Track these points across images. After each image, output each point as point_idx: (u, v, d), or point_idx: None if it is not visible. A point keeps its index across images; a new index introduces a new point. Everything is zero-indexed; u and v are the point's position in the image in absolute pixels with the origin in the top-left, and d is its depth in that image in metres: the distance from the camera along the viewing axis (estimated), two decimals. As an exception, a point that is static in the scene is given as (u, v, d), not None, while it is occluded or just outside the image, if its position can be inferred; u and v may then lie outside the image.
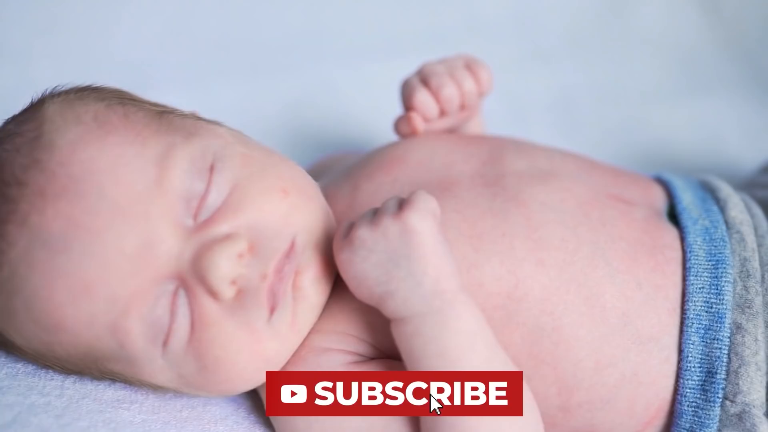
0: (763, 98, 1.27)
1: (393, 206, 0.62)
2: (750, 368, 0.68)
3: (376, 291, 0.62)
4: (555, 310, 0.67)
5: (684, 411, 0.69)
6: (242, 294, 0.62)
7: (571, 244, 0.69)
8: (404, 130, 0.80)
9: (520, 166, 0.75)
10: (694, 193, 0.78)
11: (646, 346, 0.69)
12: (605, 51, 1.33)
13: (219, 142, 0.66)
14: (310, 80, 1.18)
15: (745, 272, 0.71)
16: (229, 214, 0.63)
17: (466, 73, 0.80)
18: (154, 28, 1.16)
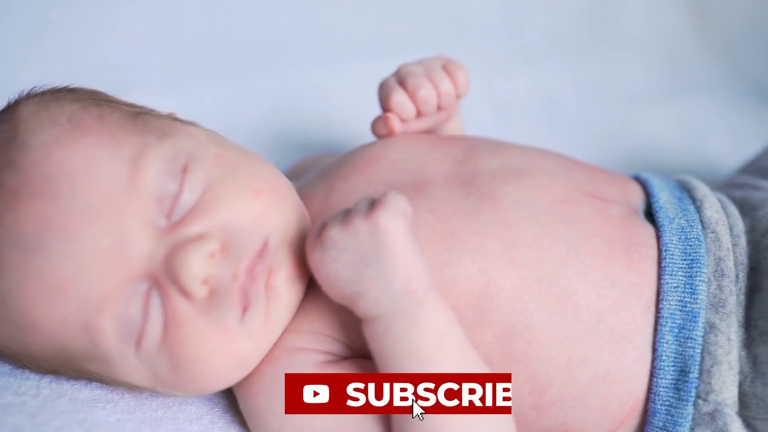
0: (746, 100, 1.28)
1: (364, 206, 0.63)
2: (722, 367, 0.68)
3: (348, 291, 0.62)
4: (527, 308, 0.68)
5: (657, 410, 0.69)
6: (214, 294, 0.62)
7: (544, 241, 0.69)
8: (381, 130, 0.81)
9: (494, 164, 0.75)
10: (671, 192, 0.78)
11: (620, 344, 0.69)
12: (591, 53, 1.33)
13: (193, 143, 0.67)
14: (293, 81, 1.18)
15: (720, 272, 0.71)
16: (202, 214, 0.63)
17: (443, 75, 0.81)
18: (138, 30, 1.16)
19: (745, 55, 1.36)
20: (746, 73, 1.34)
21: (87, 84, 0.79)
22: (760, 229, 0.75)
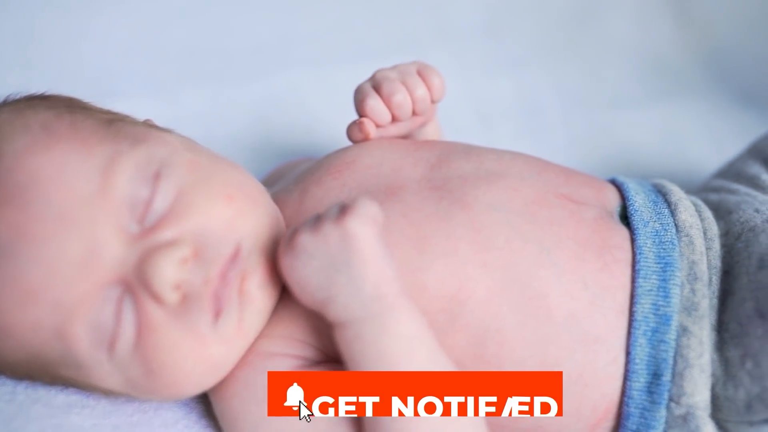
0: (728, 105, 1.28)
1: (334, 212, 0.63)
2: (694, 370, 0.68)
3: (318, 296, 0.63)
4: (499, 311, 0.68)
5: (631, 413, 0.70)
6: (187, 299, 0.63)
7: (516, 244, 0.69)
8: (356, 136, 0.81)
9: (467, 168, 0.75)
10: (646, 195, 0.79)
11: (593, 347, 0.69)
12: (575, 57, 1.34)
13: (166, 149, 0.67)
14: (277, 87, 1.18)
15: (693, 275, 0.72)
16: (174, 220, 0.63)
17: (418, 80, 0.81)
18: (122, 37, 1.16)
19: (728, 60, 1.37)
20: (729, 78, 1.34)
21: (71, 90, 0.80)
22: (734, 232, 0.76)
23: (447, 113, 1.18)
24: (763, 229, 0.74)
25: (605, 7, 1.40)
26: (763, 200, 0.81)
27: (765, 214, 0.77)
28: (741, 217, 0.77)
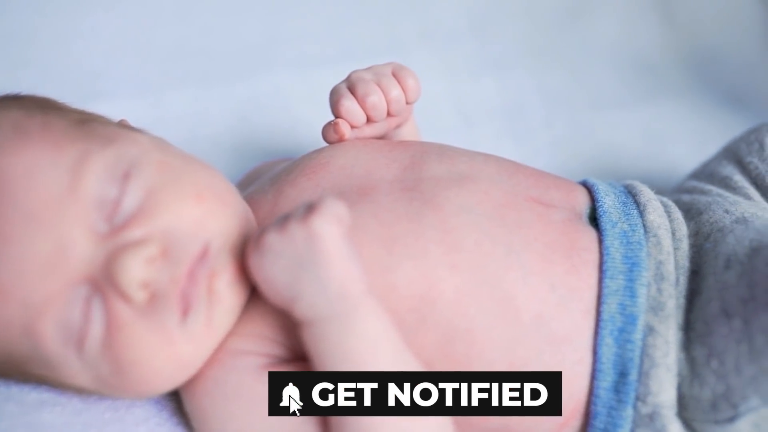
0: (711, 107, 1.29)
1: (301, 212, 0.64)
2: (660, 370, 0.69)
3: (285, 294, 0.64)
4: (468, 312, 0.69)
5: (598, 412, 0.70)
6: (155, 298, 0.64)
7: (485, 246, 0.70)
8: (331, 137, 0.82)
9: (439, 170, 0.76)
10: (616, 197, 0.79)
11: (560, 347, 0.70)
12: (559, 59, 1.34)
13: (136, 150, 0.68)
14: (261, 89, 1.19)
15: (660, 275, 0.72)
16: (143, 219, 0.64)
17: (392, 81, 0.82)
18: (108, 38, 1.17)
19: (712, 63, 1.37)
20: (712, 80, 1.35)
21: (56, 91, 0.81)
22: (704, 233, 0.76)
23: (430, 114, 1.19)
24: (732, 229, 0.75)
25: (590, 9, 1.40)
26: (734, 201, 0.81)
27: (734, 215, 0.77)
28: (711, 218, 0.77)
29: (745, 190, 0.85)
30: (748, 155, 0.87)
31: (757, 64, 1.43)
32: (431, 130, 1.05)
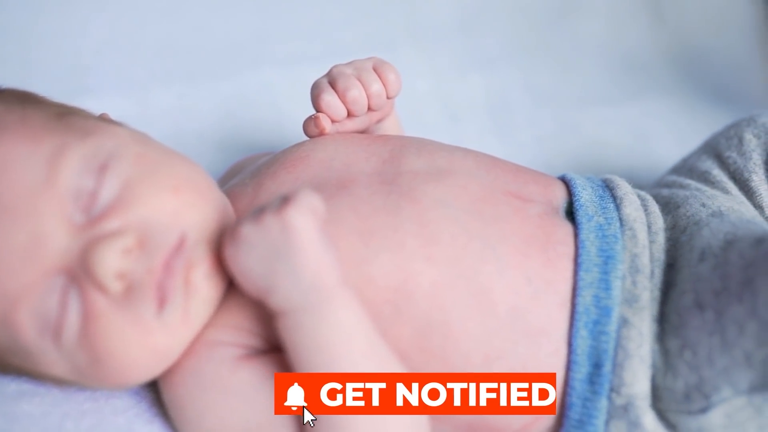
0: (698, 104, 1.29)
1: (276, 204, 0.64)
2: (634, 361, 0.69)
3: (260, 285, 0.64)
4: (444, 304, 0.69)
5: (573, 403, 0.71)
6: (131, 288, 0.64)
7: (461, 239, 0.71)
8: (312, 131, 0.82)
9: (418, 164, 0.77)
10: (594, 191, 0.80)
11: (536, 339, 0.70)
12: (547, 56, 1.35)
13: (114, 142, 0.68)
14: (248, 85, 1.19)
15: (635, 268, 0.73)
16: (119, 210, 0.65)
17: (373, 76, 0.82)
18: (96, 34, 1.17)
19: (699, 60, 1.38)
20: (699, 78, 1.35)
21: (43, 86, 0.81)
22: (680, 226, 0.77)
23: (416, 110, 1.20)
24: (707, 222, 0.75)
25: (579, 7, 1.40)
26: (712, 195, 0.82)
27: (711, 208, 0.78)
28: (688, 212, 0.78)
29: (723, 184, 0.86)
30: (727, 150, 0.88)
31: (744, 63, 1.44)
32: (417, 126, 1.05)
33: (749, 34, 1.51)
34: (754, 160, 0.85)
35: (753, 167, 0.85)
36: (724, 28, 1.48)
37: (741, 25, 1.53)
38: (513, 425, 0.73)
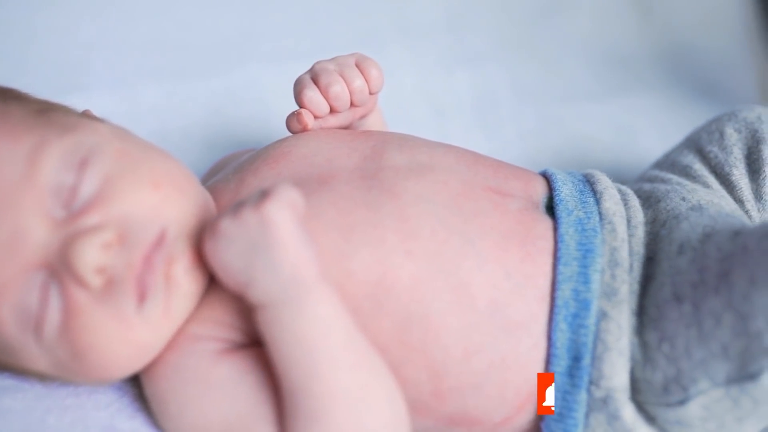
0: (683, 100, 1.30)
1: (254, 198, 0.65)
2: (612, 354, 0.70)
3: (240, 279, 0.65)
4: (424, 298, 0.70)
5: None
6: (111, 283, 0.65)
7: (441, 234, 0.71)
8: (295, 126, 0.83)
9: (399, 160, 0.77)
10: (574, 186, 0.80)
11: (515, 333, 0.71)
12: (533, 53, 1.35)
13: (95, 138, 0.69)
14: (236, 82, 1.19)
15: (614, 261, 0.73)
16: (99, 206, 0.65)
17: (356, 71, 0.82)
18: (84, 32, 1.18)
19: (685, 57, 1.38)
20: (685, 74, 1.36)
21: (31, 84, 0.81)
22: (660, 220, 0.77)
23: (402, 107, 1.20)
24: (687, 216, 0.76)
25: (565, 5, 1.41)
26: (692, 189, 0.82)
27: (690, 202, 0.78)
28: (668, 206, 0.78)
29: (704, 178, 0.86)
30: (709, 144, 0.89)
31: (730, 59, 1.45)
32: (402, 123, 1.06)
33: (735, 30, 1.51)
34: (734, 155, 0.86)
35: (734, 161, 0.86)
36: (710, 24, 1.49)
37: (727, 21, 1.53)
38: (494, 418, 0.73)
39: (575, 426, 0.71)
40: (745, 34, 1.56)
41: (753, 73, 1.51)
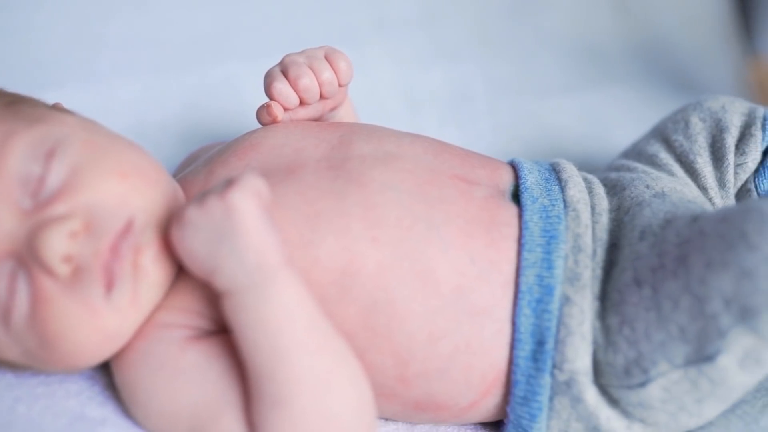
0: (658, 94, 1.31)
1: (220, 187, 0.65)
2: (575, 338, 0.71)
3: (206, 266, 0.65)
4: (388, 284, 0.71)
5: (518, 380, 0.72)
6: (79, 271, 0.66)
7: (406, 221, 0.72)
8: (264, 119, 0.84)
9: (366, 150, 0.78)
10: (540, 174, 0.82)
11: (479, 318, 0.72)
12: (509, 49, 1.36)
13: (62, 129, 0.70)
14: (212, 78, 1.20)
15: (577, 247, 0.75)
16: (66, 195, 0.66)
17: (324, 64, 0.83)
18: (61, 28, 1.18)
19: (660, 51, 1.40)
20: (660, 68, 1.38)
21: (7, 81, 0.82)
22: (624, 207, 0.79)
23: (377, 102, 1.21)
24: (649, 203, 0.77)
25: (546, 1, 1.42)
26: (657, 177, 0.84)
27: (654, 189, 0.80)
28: (632, 193, 0.80)
29: (670, 166, 0.87)
30: (674, 133, 0.90)
31: (705, 53, 1.46)
32: (376, 117, 1.06)
33: (710, 24, 1.53)
34: (699, 143, 0.87)
35: (698, 150, 0.87)
36: (685, 18, 1.51)
37: (702, 15, 1.55)
38: (460, 403, 0.74)
39: (539, 409, 0.72)
40: (720, 29, 1.58)
41: (727, 67, 1.53)
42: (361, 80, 1.22)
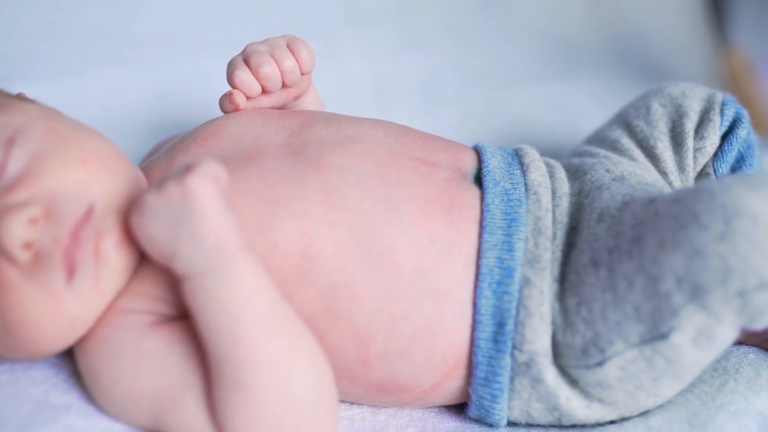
0: (626, 84, 1.32)
1: (179, 173, 0.66)
2: (534, 319, 0.72)
3: (165, 251, 0.66)
4: (347, 266, 0.71)
5: (479, 361, 0.73)
6: (39, 257, 0.66)
7: (365, 203, 0.73)
8: (227, 107, 0.84)
9: (326, 134, 0.79)
10: (503, 158, 0.83)
11: (440, 299, 0.73)
12: (481, 39, 1.37)
13: (22, 118, 0.70)
14: (183, 70, 1.20)
15: (537, 230, 0.76)
16: (26, 183, 0.67)
17: (286, 52, 0.84)
18: (30, 21, 1.18)
19: (632, 42, 1.41)
20: (631, 59, 1.39)
21: None
22: (585, 191, 0.80)
23: (347, 92, 1.22)
24: (609, 186, 0.78)
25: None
26: (617, 161, 0.85)
27: (614, 173, 0.81)
28: (593, 177, 0.81)
29: (631, 152, 0.89)
30: (636, 119, 0.91)
31: (676, 44, 1.48)
32: (345, 107, 1.07)
33: (682, 15, 1.55)
34: (659, 129, 0.89)
35: (658, 135, 0.88)
36: (657, 9, 1.52)
37: (675, 8, 1.57)
38: (423, 385, 0.75)
39: (501, 390, 0.73)
40: (692, 21, 1.60)
41: (699, 59, 1.55)
42: (332, 71, 1.24)
